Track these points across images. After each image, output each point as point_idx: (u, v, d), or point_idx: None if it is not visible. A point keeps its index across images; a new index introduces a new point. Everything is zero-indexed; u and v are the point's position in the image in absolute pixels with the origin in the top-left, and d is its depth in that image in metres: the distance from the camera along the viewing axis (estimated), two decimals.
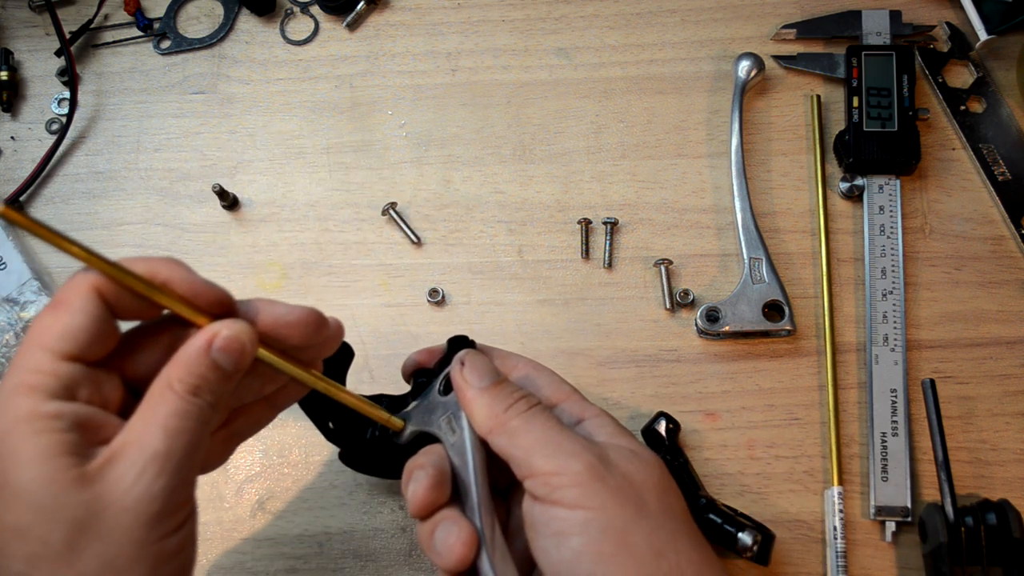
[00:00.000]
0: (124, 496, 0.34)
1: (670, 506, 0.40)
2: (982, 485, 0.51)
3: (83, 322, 0.35)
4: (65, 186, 0.61)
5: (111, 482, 0.34)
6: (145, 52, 0.64)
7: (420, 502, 0.40)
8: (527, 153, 0.60)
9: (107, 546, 0.34)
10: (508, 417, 0.40)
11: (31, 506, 0.33)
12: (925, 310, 0.55)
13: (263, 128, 0.62)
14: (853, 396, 0.54)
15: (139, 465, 0.34)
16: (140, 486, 0.34)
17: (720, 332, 0.54)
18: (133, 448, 0.34)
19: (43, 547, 0.33)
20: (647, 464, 0.40)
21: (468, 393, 0.42)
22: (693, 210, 0.58)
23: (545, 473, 0.39)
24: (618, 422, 0.43)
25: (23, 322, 0.56)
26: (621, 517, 0.38)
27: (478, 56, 0.62)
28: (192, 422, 0.36)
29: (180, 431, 0.35)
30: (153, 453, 0.34)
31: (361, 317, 0.57)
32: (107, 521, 0.33)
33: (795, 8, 0.62)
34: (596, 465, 0.39)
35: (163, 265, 0.37)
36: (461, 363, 0.43)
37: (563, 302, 0.57)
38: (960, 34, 0.60)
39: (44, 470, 0.33)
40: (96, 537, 0.33)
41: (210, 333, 0.36)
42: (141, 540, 0.34)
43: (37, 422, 0.34)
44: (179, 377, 0.36)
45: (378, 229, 0.59)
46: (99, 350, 0.36)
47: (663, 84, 0.61)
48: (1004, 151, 0.57)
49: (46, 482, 0.33)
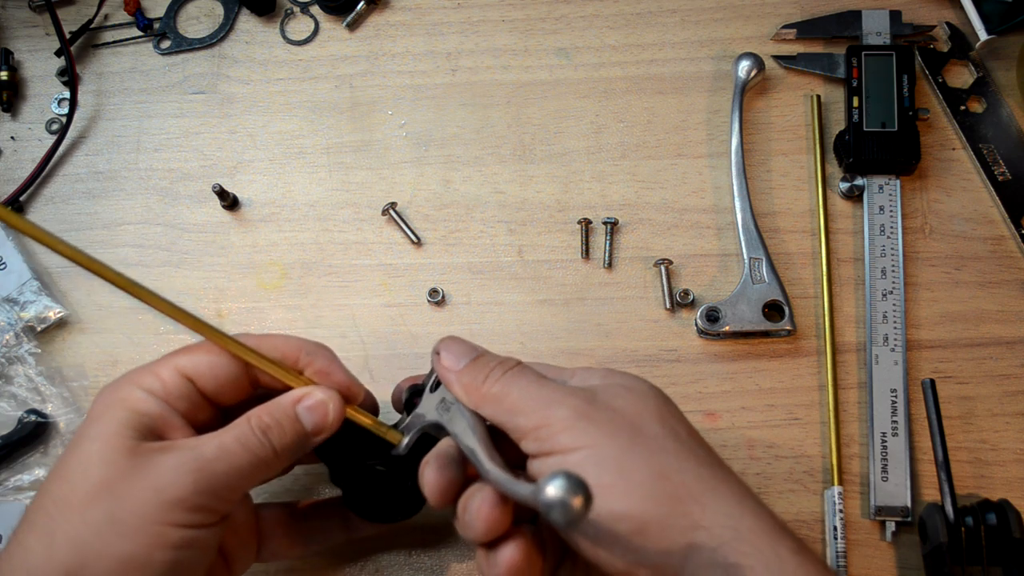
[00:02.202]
0: (156, 477, 0.38)
1: (672, 429, 0.39)
2: (982, 485, 0.51)
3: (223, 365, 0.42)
4: (65, 186, 0.61)
5: (153, 463, 0.38)
6: (145, 52, 0.64)
7: (434, 487, 0.41)
8: (527, 153, 0.60)
9: (119, 508, 0.37)
10: (488, 386, 0.40)
11: (79, 458, 0.38)
12: (925, 310, 0.55)
13: (263, 128, 0.62)
14: (853, 396, 0.54)
15: (181, 459, 0.38)
16: (172, 473, 0.38)
17: (720, 332, 0.54)
18: (187, 447, 0.39)
19: (70, 491, 0.37)
20: (641, 395, 0.40)
21: (450, 377, 0.42)
22: (693, 210, 0.58)
23: (533, 428, 0.39)
24: (611, 369, 0.43)
25: (23, 322, 0.56)
26: (614, 447, 0.38)
27: (478, 56, 0.62)
28: (246, 452, 0.40)
29: (232, 452, 0.39)
30: (199, 456, 0.39)
31: (361, 317, 0.57)
32: (131, 488, 0.37)
33: (795, 8, 0.62)
34: (581, 406, 0.39)
35: (318, 351, 0.44)
36: (436, 352, 0.43)
37: (563, 302, 0.57)
38: (960, 34, 0.60)
39: (104, 436, 0.38)
40: (112, 496, 0.37)
41: (303, 392, 0.42)
42: (150, 516, 0.37)
43: (125, 403, 0.39)
44: (259, 415, 0.41)
45: (378, 229, 0.59)
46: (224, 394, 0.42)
47: (663, 84, 0.61)
48: (1004, 151, 0.57)
49: (99, 444, 0.38)
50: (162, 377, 0.41)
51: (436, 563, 0.51)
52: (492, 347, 0.55)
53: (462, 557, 0.51)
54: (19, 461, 0.54)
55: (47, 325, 0.57)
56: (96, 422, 0.39)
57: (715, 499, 0.37)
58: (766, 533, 0.36)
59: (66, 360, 0.57)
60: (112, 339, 0.57)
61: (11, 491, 0.53)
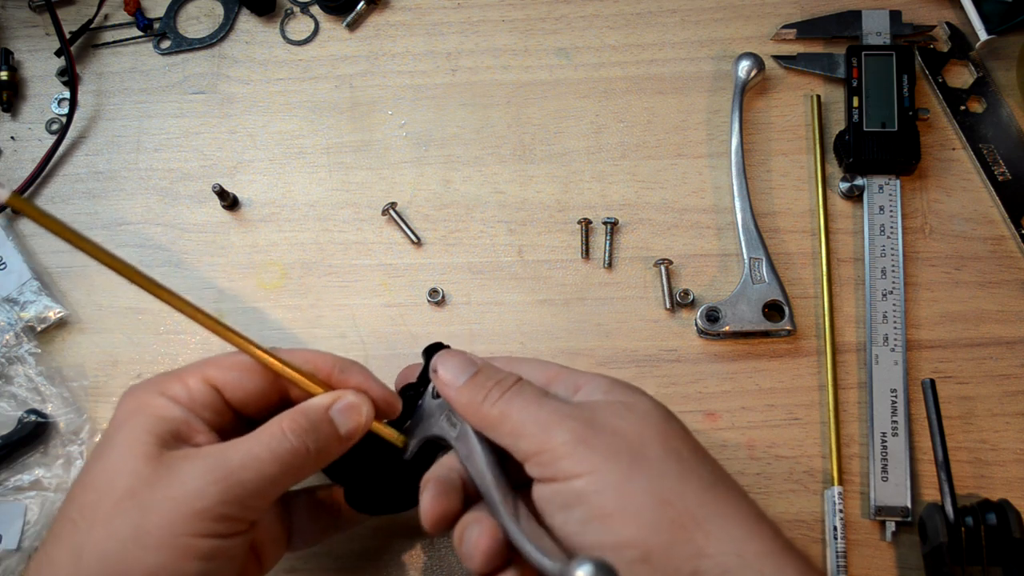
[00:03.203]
0: (181, 487, 0.37)
1: (675, 450, 0.38)
2: (982, 485, 0.51)
3: (251, 376, 0.42)
4: (65, 186, 0.61)
5: (177, 471, 0.38)
6: (145, 52, 0.64)
7: (430, 516, 0.40)
8: (527, 153, 0.60)
9: (144, 519, 0.37)
10: (487, 408, 0.40)
11: (104, 466, 0.38)
12: (925, 310, 0.55)
13: (263, 128, 0.62)
14: (853, 396, 0.54)
15: (206, 468, 0.38)
16: (196, 483, 0.37)
17: (720, 332, 0.54)
18: (211, 455, 0.38)
19: (96, 500, 0.37)
20: (642, 414, 0.39)
21: (450, 394, 0.41)
22: (693, 210, 0.58)
23: (535, 453, 0.38)
24: (615, 379, 0.42)
25: (23, 322, 0.56)
26: (615, 473, 0.37)
27: (478, 56, 0.62)
28: (275, 459, 0.39)
29: (260, 459, 0.38)
30: (224, 463, 0.38)
31: (361, 317, 0.57)
32: (155, 499, 0.37)
33: (795, 8, 0.62)
34: (580, 430, 0.38)
35: (352, 368, 0.43)
36: (434, 370, 0.42)
37: (563, 302, 0.57)
38: (960, 34, 0.60)
39: (128, 444, 0.38)
40: (138, 507, 0.37)
41: (336, 396, 0.42)
42: (176, 528, 0.37)
43: (149, 409, 0.39)
44: (293, 417, 0.40)
45: (378, 229, 0.59)
46: (251, 406, 0.42)
47: (663, 84, 0.61)
48: (1004, 151, 0.57)
49: (123, 452, 0.38)
50: (188, 384, 0.41)
51: (436, 563, 0.51)
52: (492, 347, 0.56)
53: None
54: (19, 461, 0.53)
55: (47, 325, 0.57)
56: (120, 429, 0.39)
57: (719, 524, 0.36)
58: (771, 556, 0.36)
59: (66, 360, 0.57)
60: (112, 339, 0.57)
61: (11, 491, 0.53)
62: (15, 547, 0.52)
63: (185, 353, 0.57)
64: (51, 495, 0.53)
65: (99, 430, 0.55)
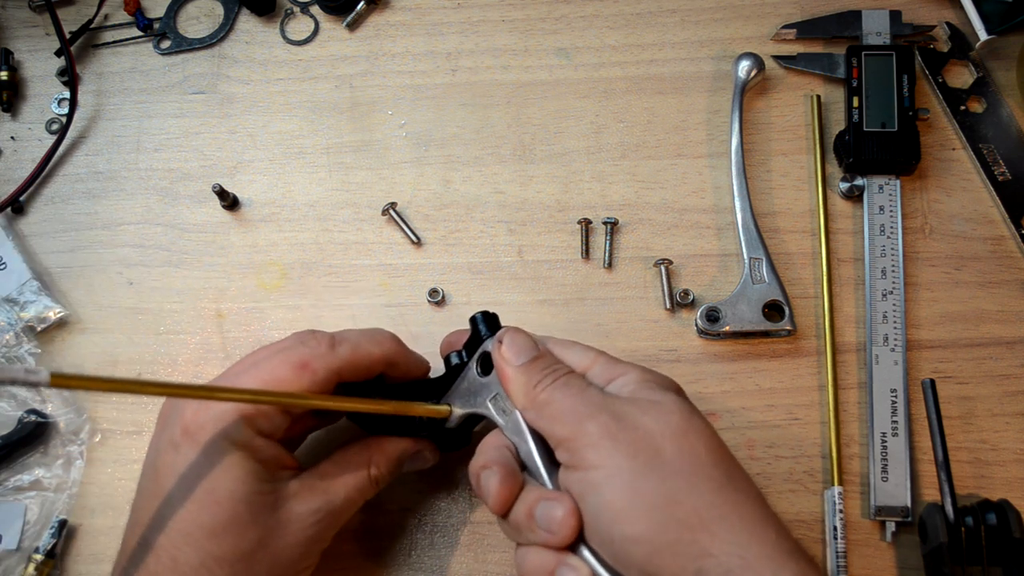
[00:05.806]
0: (297, 531, 0.42)
1: (690, 449, 0.39)
2: (982, 485, 0.51)
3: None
4: (65, 186, 0.61)
5: (292, 513, 0.42)
6: (145, 52, 0.64)
7: (499, 499, 0.42)
8: (527, 153, 0.60)
9: (274, 562, 0.41)
10: (537, 392, 0.42)
11: (232, 514, 0.40)
12: (925, 310, 0.55)
13: (263, 128, 0.62)
14: (853, 396, 0.54)
15: (316, 510, 0.43)
16: (308, 524, 0.42)
17: (720, 332, 0.54)
18: (319, 495, 0.43)
19: (232, 550, 0.40)
20: (665, 412, 0.40)
21: (507, 371, 0.44)
22: (693, 210, 0.58)
23: (566, 439, 0.40)
24: (648, 371, 0.44)
25: (23, 322, 0.56)
26: (632, 470, 0.38)
27: (478, 56, 0.62)
28: (359, 501, 0.45)
29: (353, 503, 0.44)
30: (329, 507, 0.43)
31: (361, 317, 0.57)
32: (278, 543, 0.41)
33: (795, 8, 0.62)
34: (609, 423, 0.40)
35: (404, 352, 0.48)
36: (500, 341, 0.44)
37: (563, 302, 0.57)
38: (960, 34, 0.60)
39: (248, 490, 0.41)
40: (269, 553, 0.41)
41: (417, 448, 0.47)
42: (292, 567, 0.42)
43: (248, 450, 0.41)
44: (378, 464, 0.46)
45: (378, 229, 0.59)
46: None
47: (663, 84, 0.61)
48: (1004, 151, 0.57)
49: (247, 499, 0.41)
50: (264, 409, 0.42)
51: (436, 563, 0.51)
52: None
53: (462, 557, 0.52)
54: (19, 461, 0.54)
55: (47, 325, 0.57)
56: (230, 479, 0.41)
57: (725, 526, 0.37)
58: (772, 560, 0.36)
59: (66, 360, 0.57)
60: (112, 339, 0.57)
61: (11, 491, 0.53)
62: (15, 547, 0.52)
63: (185, 353, 0.57)
64: (51, 495, 0.53)
65: (99, 430, 0.55)
